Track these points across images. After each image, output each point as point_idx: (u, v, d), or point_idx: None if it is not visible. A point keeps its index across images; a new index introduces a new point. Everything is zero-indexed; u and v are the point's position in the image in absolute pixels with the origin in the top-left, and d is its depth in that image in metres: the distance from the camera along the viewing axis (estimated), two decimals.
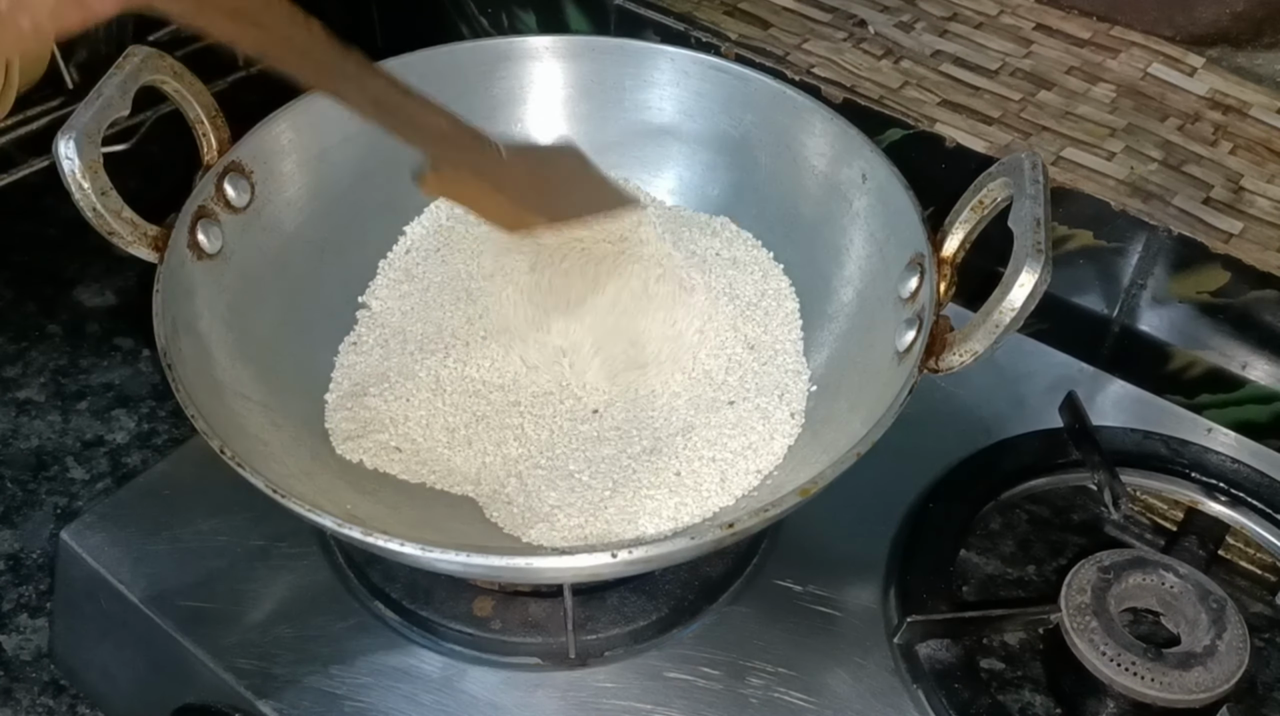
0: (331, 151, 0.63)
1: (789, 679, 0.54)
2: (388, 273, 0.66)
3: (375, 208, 0.65)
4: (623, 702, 0.54)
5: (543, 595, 0.56)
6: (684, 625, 0.56)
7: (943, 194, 0.57)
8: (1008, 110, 0.74)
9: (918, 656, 0.54)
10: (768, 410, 0.58)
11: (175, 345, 0.52)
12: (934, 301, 0.52)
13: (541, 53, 0.68)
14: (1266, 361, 0.68)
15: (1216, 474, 0.61)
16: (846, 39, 0.79)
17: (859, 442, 0.47)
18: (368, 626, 0.56)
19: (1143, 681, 0.51)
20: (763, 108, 0.65)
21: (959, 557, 0.59)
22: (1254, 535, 0.60)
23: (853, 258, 0.61)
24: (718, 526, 0.46)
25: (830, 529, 0.59)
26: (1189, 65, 0.76)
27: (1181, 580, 0.55)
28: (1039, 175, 0.51)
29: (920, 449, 0.61)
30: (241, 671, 0.54)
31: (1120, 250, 0.69)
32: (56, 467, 0.75)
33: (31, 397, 0.79)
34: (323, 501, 0.48)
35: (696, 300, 0.60)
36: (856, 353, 0.58)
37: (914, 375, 0.50)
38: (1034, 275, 0.47)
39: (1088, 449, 0.61)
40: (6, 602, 0.69)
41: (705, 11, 0.80)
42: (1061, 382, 0.65)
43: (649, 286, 0.60)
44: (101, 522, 0.60)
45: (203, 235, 0.57)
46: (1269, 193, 0.68)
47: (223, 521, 0.60)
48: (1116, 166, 0.70)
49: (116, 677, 0.63)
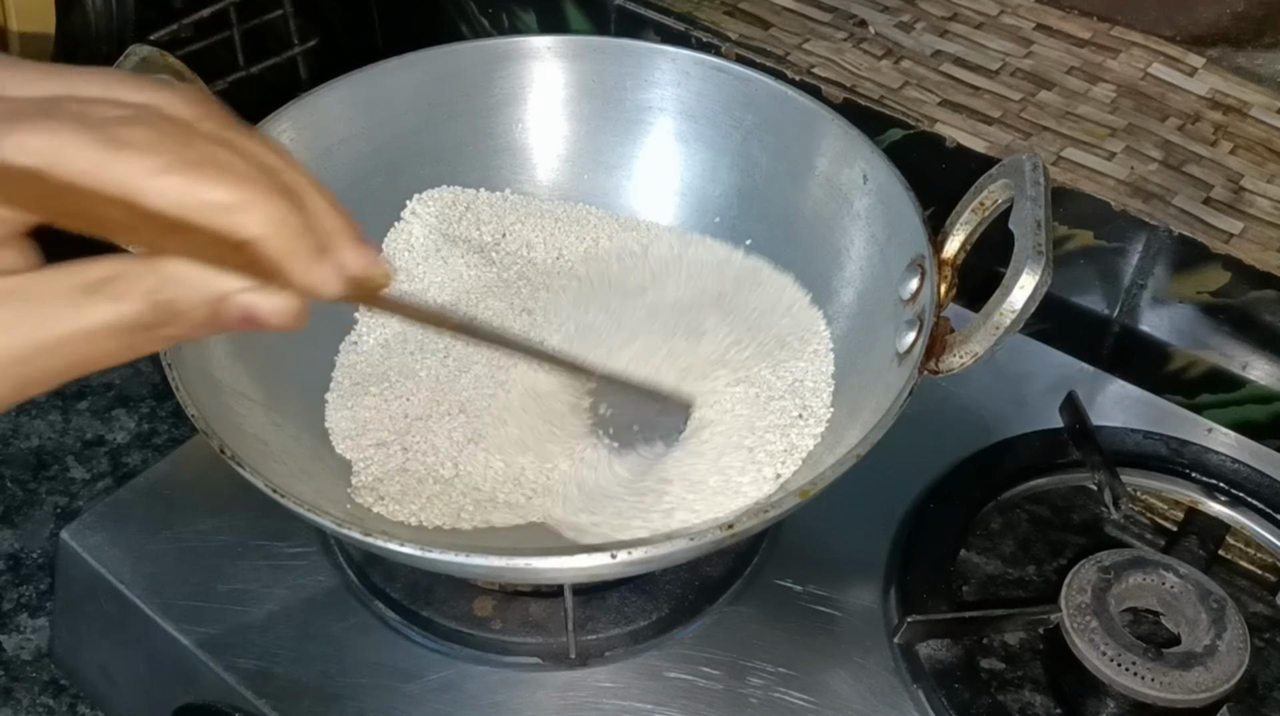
0: (332, 151, 0.63)
1: (789, 679, 0.54)
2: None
3: (375, 207, 0.65)
4: (623, 702, 0.54)
5: (543, 595, 0.56)
6: (684, 625, 0.56)
7: (943, 194, 0.57)
8: (1008, 110, 0.74)
9: (918, 656, 0.54)
10: (791, 419, 0.57)
11: (175, 345, 0.52)
12: (934, 303, 0.52)
13: (542, 53, 0.68)
14: (1266, 361, 0.68)
15: (1216, 474, 0.61)
16: (847, 39, 0.79)
17: (859, 444, 0.47)
18: (368, 626, 0.56)
19: (1143, 681, 0.51)
20: (763, 108, 0.65)
21: (959, 557, 0.59)
22: (1254, 535, 0.60)
23: (853, 259, 0.61)
24: (717, 527, 0.46)
25: (830, 529, 0.59)
26: (1189, 65, 0.76)
27: (1181, 580, 0.55)
28: (1039, 177, 0.51)
29: (920, 449, 0.61)
30: (241, 671, 0.54)
31: (1120, 250, 0.69)
32: (57, 467, 0.75)
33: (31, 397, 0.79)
34: (323, 501, 0.48)
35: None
36: (857, 354, 0.58)
37: (914, 376, 0.50)
38: (1034, 277, 0.47)
39: (1088, 449, 0.61)
40: (6, 602, 0.69)
41: (706, 11, 0.80)
42: (1062, 382, 0.65)
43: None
44: (101, 522, 0.60)
45: None
46: (1269, 193, 0.68)
47: (223, 521, 0.60)
48: (1117, 166, 0.70)
49: (116, 677, 0.63)
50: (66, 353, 0.31)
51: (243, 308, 0.32)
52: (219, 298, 0.32)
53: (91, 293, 0.31)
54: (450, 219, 0.67)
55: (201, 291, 0.32)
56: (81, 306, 0.31)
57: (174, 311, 0.32)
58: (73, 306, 0.31)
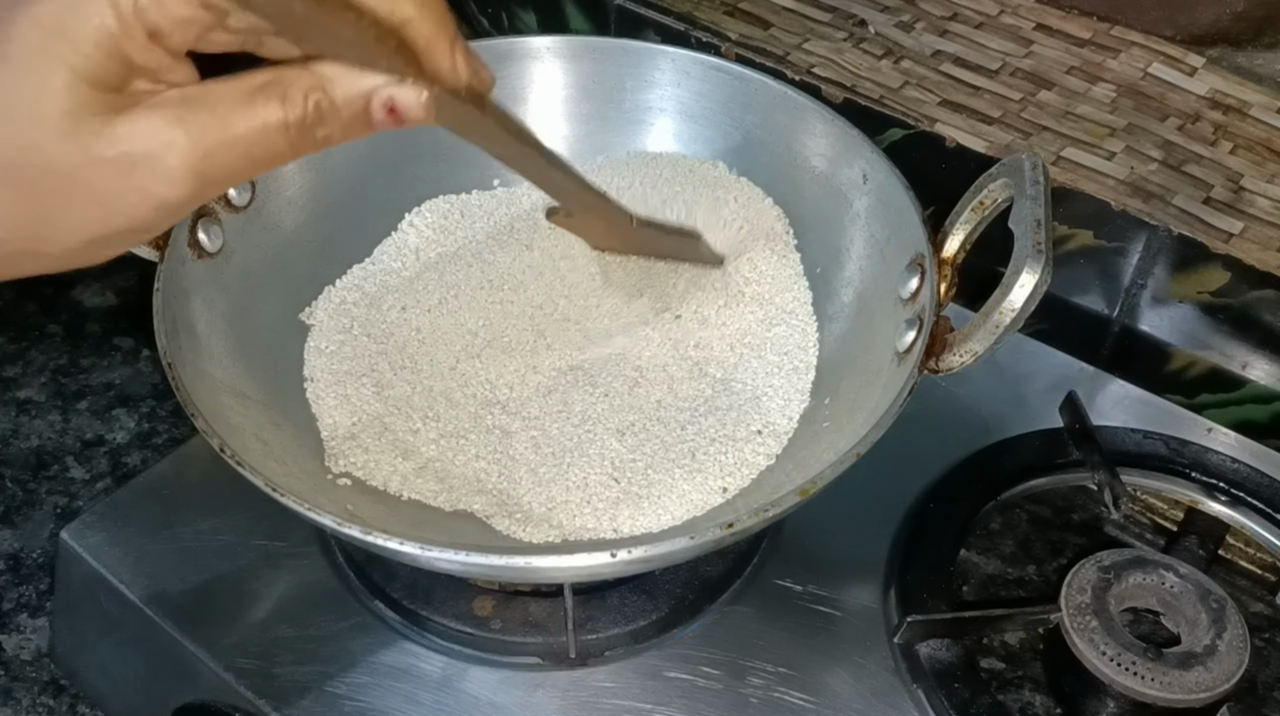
0: (332, 151, 0.63)
1: (789, 678, 0.54)
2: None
3: (375, 208, 0.65)
4: (623, 702, 0.54)
5: (543, 595, 0.56)
6: (684, 625, 0.56)
7: (943, 194, 0.57)
8: (1008, 110, 0.74)
9: (918, 656, 0.54)
10: (770, 410, 0.57)
11: (175, 344, 0.52)
12: (934, 302, 0.52)
13: (542, 53, 0.68)
14: (1266, 361, 0.68)
15: (1216, 474, 0.61)
16: (847, 39, 0.79)
17: (859, 443, 0.47)
18: (368, 626, 0.56)
19: (1143, 681, 0.51)
20: (763, 108, 0.65)
21: (959, 557, 0.59)
22: (1254, 535, 0.60)
23: (853, 258, 0.61)
24: (717, 526, 0.46)
25: (830, 529, 0.59)
26: (1189, 65, 0.76)
27: (1181, 580, 0.55)
28: (1039, 176, 0.51)
29: (920, 449, 0.61)
30: (241, 671, 0.54)
31: (1120, 250, 0.69)
32: (56, 467, 0.75)
33: (31, 397, 0.79)
34: (322, 500, 0.48)
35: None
36: (857, 353, 0.58)
37: (914, 376, 0.50)
38: (1034, 276, 0.47)
39: (1088, 449, 0.61)
40: (6, 602, 0.69)
41: (705, 11, 0.80)
42: (1061, 382, 0.65)
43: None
44: (101, 522, 0.60)
45: (203, 234, 0.57)
46: (1269, 192, 0.69)
47: (223, 521, 0.60)
48: (1117, 166, 0.70)
49: (116, 677, 0.63)
50: (243, 149, 0.35)
51: (387, 100, 0.36)
52: (367, 93, 0.36)
53: (261, 94, 0.35)
54: (447, 228, 0.67)
55: (352, 88, 0.36)
56: (255, 105, 0.35)
57: (330, 107, 0.36)
58: (248, 106, 0.35)
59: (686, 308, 0.61)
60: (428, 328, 0.61)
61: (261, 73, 0.36)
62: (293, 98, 0.35)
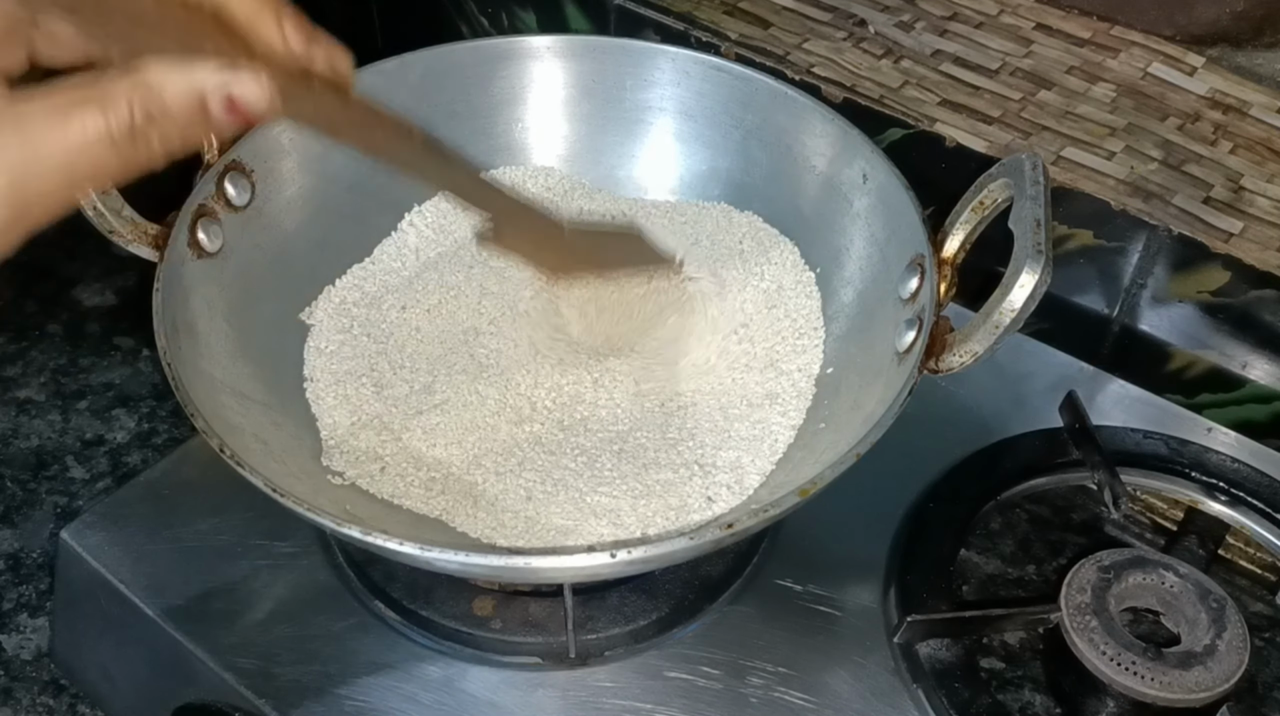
0: (332, 151, 0.63)
1: (789, 678, 0.54)
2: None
3: (375, 208, 0.65)
4: (623, 702, 0.54)
5: (543, 595, 0.56)
6: (684, 625, 0.56)
7: (943, 194, 0.57)
8: (1008, 110, 0.74)
9: (918, 656, 0.54)
10: (773, 411, 0.57)
11: (175, 344, 0.52)
12: (934, 302, 0.52)
13: (542, 52, 0.68)
14: (1266, 361, 0.68)
15: (1216, 473, 0.61)
16: (846, 39, 0.79)
17: (859, 443, 0.47)
18: (368, 626, 0.56)
19: (1143, 681, 0.51)
20: (763, 108, 0.65)
21: (959, 557, 0.59)
22: (1254, 535, 0.60)
23: (853, 258, 0.61)
24: (717, 526, 0.46)
25: (830, 529, 0.59)
26: (1189, 65, 0.76)
27: (1181, 579, 0.55)
28: (1039, 176, 0.51)
29: (920, 449, 0.61)
30: (241, 671, 0.54)
31: (1120, 250, 0.69)
32: (56, 467, 0.75)
33: (31, 397, 0.79)
34: (322, 501, 0.48)
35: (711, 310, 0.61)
36: (857, 353, 0.58)
37: (914, 376, 0.50)
38: (1034, 276, 0.47)
39: (1088, 448, 0.61)
40: (6, 602, 0.69)
41: (705, 11, 0.80)
42: (1061, 382, 0.65)
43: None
44: (101, 522, 0.60)
45: (203, 234, 0.57)
46: (1269, 192, 0.69)
47: (223, 521, 0.60)
48: (1116, 166, 0.70)
49: (116, 677, 0.63)
50: (60, 168, 0.31)
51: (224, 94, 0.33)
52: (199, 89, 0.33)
53: (76, 105, 0.31)
54: (447, 228, 0.67)
55: (181, 85, 0.32)
56: (68, 117, 0.31)
57: (159, 109, 0.32)
58: (59, 119, 0.31)
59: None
60: (428, 327, 0.61)
61: (76, 80, 0.32)
62: (114, 104, 0.32)
